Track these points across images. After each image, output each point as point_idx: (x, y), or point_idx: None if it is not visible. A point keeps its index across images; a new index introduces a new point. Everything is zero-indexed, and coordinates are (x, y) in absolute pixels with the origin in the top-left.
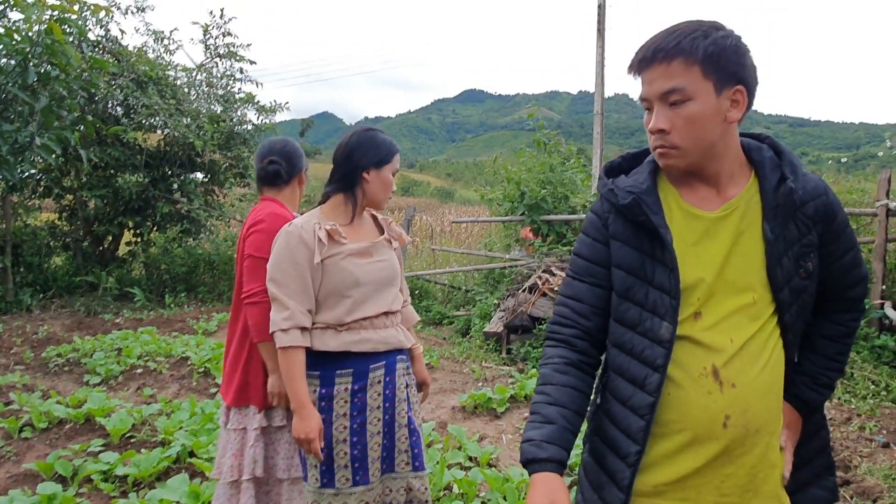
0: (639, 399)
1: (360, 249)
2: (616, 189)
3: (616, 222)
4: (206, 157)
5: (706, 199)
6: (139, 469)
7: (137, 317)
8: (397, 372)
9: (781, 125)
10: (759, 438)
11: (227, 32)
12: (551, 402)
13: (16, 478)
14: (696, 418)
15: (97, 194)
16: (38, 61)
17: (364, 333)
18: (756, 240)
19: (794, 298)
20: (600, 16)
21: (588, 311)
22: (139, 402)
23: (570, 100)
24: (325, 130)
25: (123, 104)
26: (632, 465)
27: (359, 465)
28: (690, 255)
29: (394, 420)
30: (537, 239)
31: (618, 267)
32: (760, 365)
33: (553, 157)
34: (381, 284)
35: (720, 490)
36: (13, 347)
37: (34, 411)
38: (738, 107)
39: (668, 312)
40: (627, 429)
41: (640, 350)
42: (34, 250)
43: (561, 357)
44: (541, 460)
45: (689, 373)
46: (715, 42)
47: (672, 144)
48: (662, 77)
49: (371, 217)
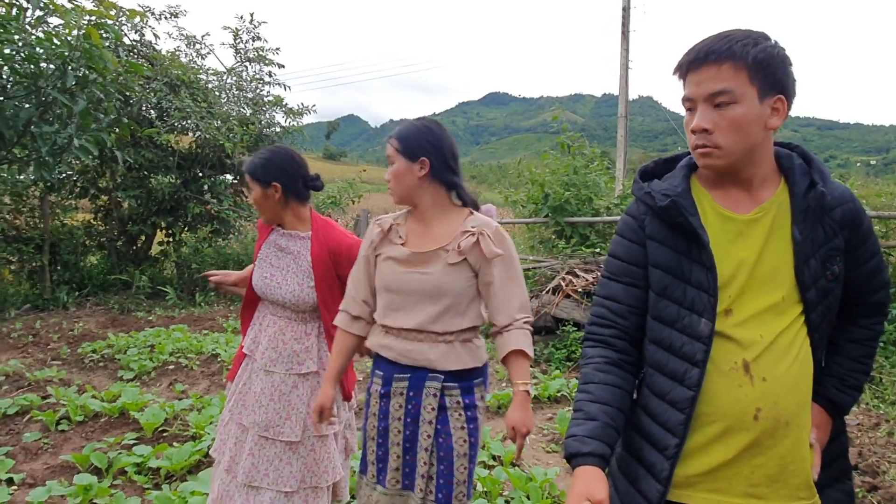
0: (678, 393)
1: (400, 256)
2: (653, 192)
3: (653, 224)
4: (236, 159)
5: (738, 202)
6: (171, 462)
7: (169, 314)
8: (425, 391)
9: (809, 128)
10: (788, 431)
11: (256, 37)
12: (593, 400)
13: (53, 469)
14: (728, 410)
15: (131, 195)
16: (76, 65)
17: (389, 340)
18: (786, 241)
19: (821, 299)
20: (625, 18)
21: (625, 310)
22: (171, 398)
23: (594, 102)
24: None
25: (157, 107)
26: (671, 457)
27: (382, 466)
28: (724, 255)
29: (416, 438)
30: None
31: (655, 266)
32: (789, 360)
33: (577, 159)
34: (418, 297)
35: (750, 480)
36: (50, 343)
37: (71, 405)
38: (778, 115)
39: (707, 309)
40: (666, 423)
41: (679, 346)
42: (71, 249)
43: (602, 357)
44: (583, 454)
45: (720, 367)
46: (764, 50)
47: (714, 144)
48: (712, 79)
49: (463, 220)
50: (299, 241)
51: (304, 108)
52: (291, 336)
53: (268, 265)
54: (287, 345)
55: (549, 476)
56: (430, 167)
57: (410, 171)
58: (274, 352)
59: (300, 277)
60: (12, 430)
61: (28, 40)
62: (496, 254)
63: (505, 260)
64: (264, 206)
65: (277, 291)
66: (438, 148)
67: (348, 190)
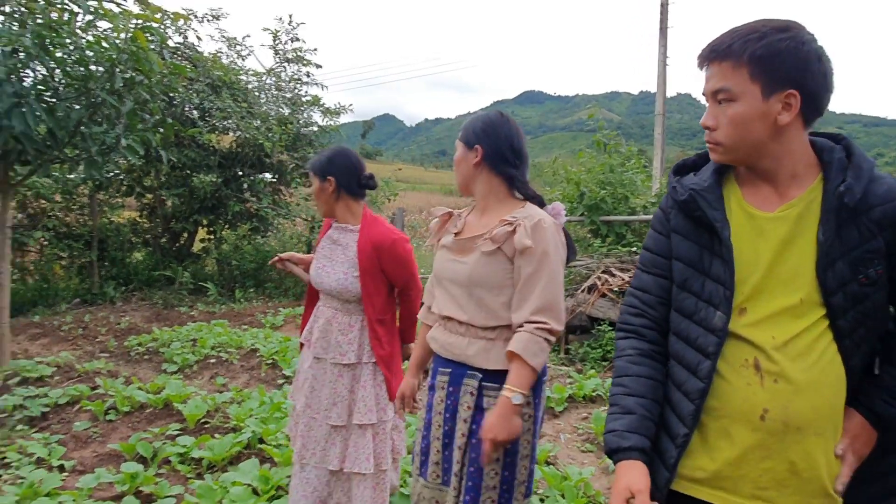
0: (691, 384)
1: (447, 243)
2: (678, 186)
3: (677, 217)
4: (275, 158)
5: (767, 198)
6: (213, 453)
7: (210, 310)
8: (462, 388)
9: (855, 125)
10: (801, 437)
11: (295, 38)
12: (629, 393)
13: (101, 457)
14: (735, 407)
15: (174, 193)
16: (124, 67)
17: (437, 332)
18: (810, 241)
19: (852, 304)
20: (663, 14)
21: (654, 301)
22: (212, 391)
23: (631, 100)
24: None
25: (199, 107)
26: (679, 446)
27: (424, 458)
28: (745, 253)
29: (453, 434)
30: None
31: (678, 259)
32: (807, 364)
33: (613, 157)
34: (454, 286)
35: (757, 483)
36: (98, 336)
37: (118, 396)
38: (789, 110)
39: (723, 302)
40: (679, 412)
41: (695, 338)
42: (117, 246)
43: (634, 348)
44: (624, 449)
45: (731, 363)
46: (768, 45)
47: (716, 141)
48: (714, 76)
49: (511, 211)
50: (349, 233)
51: (341, 107)
52: (337, 327)
53: (322, 256)
54: (333, 335)
55: (584, 475)
56: (482, 155)
57: (466, 158)
58: (324, 340)
59: (346, 267)
60: (63, 419)
61: (79, 44)
62: (524, 245)
63: (535, 255)
64: (319, 198)
65: (326, 280)
66: (493, 137)
67: (384, 188)
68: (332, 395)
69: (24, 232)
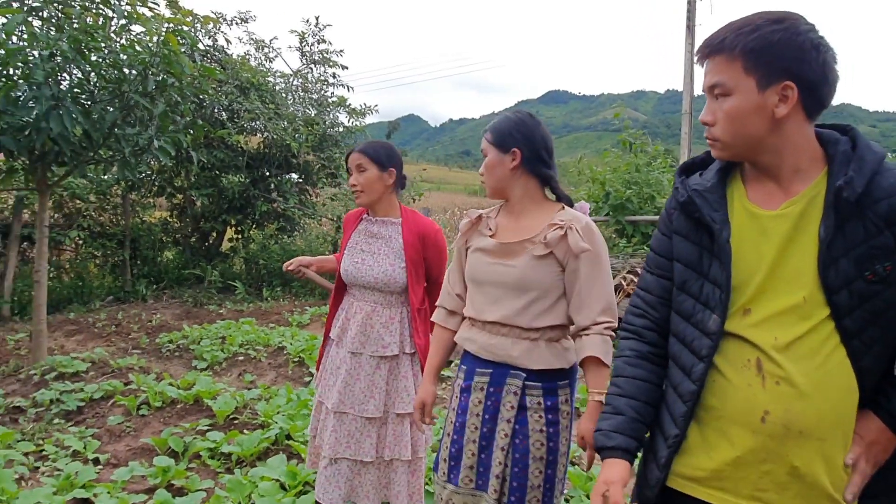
0: (685, 386)
1: (488, 246)
2: (680, 186)
3: (679, 218)
4: (301, 159)
5: (771, 195)
6: (242, 448)
7: (238, 308)
8: (505, 388)
9: (889, 123)
10: (803, 441)
11: (321, 39)
12: (621, 394)
13: (134, 451)
14: (735, 408)
15: (204, 193)
16: (156, 70)
17: (473, 333)
18: (812, 238)
19: (858, 303)
20: (690, 11)
21: (656, 301)
22: (241, 387)
23: (657, 99)
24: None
25: (228, 109)
26: (670, 446)
27: (453, 464)
28: (748, 253)
29: (492, 436)
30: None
31: (678, 260)
32: (811, 367)
33: (639, 157)
34: (502, 290)
35: (757, 485)
36: (131, 333)
37: (150, 391)
38: (786, 102)
39: (718, 305)
40: (673, 413)
41: (691, 340)
42: (149, 245)
43: (632, 350)
44: (609, 448)
45: (733, 363)
46: (761, 37)
47: (714, 137)
48: (711, 71)
49: (554, 214)
50: (391, 226)
51: (367, 108)
52: (378, 321)
53: (358, 251)
54: (374, 328)
55: None
56: (521, 158)
57: (502, 162)
58: (363, 335)
59: (392, 258)
60: (98, 413)
61: (113, 48)
62: (583, 248)
63: (592, 257)
64: (374, 188)
65: (369, 273)
66: (530, 139)
67: (409, 189)
68: (368, 388)
69: (60, 231)
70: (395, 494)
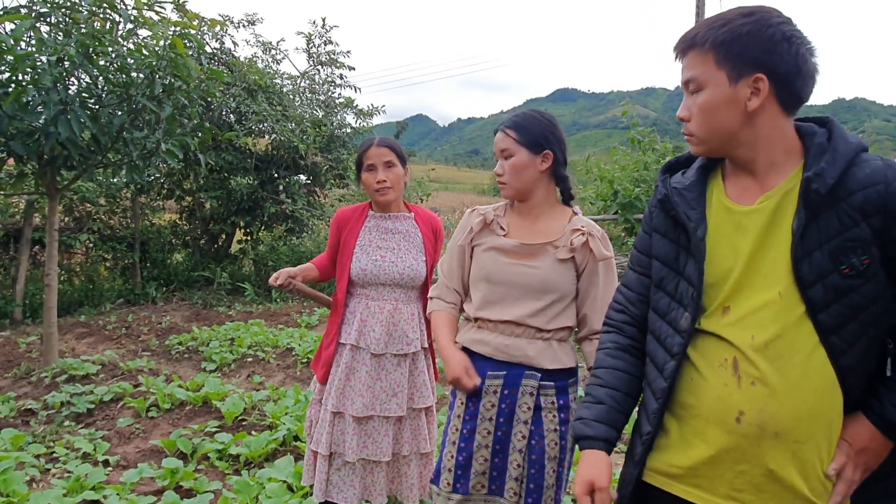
0: (658, 383)
1: (506, 246)
2: (660, 184)
3: (658, 216)
4: (309, 160)
5: (747, 190)
6: (250, 449)
7: (247, 310)
8: (521, 389)
9: None
10: (778, 443)
11: (328, 41)
12: (602, 385)
13: (144, 452)
14: (710, 407)
15: (213, 196)
16: (163, 74)
17: (484, 334)
18: (786, 232)
19: (835, 297)
20: (699, 9)
21: (636, 298)
22: (249, 389)
23: (667, 96)
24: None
25: (236, 111)
26: (644, 443)
27: (461, 473)
28: (721, 249)
29: (508, 440)
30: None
31: (655, 258)
32: (787, 367)
33: (647, 154)
34: (522, 291)
35: (733, 485)
36: (141, 335)
37: (159, 393)
38: (758, 95)
39: (690, 303)
40: (647, 410)
41: (664, 338)
42: (158, 247)
43: (612, 342)
44: (588, 437)
45: (710, 362)
46: (731, 30)
47: (689, 132)
48: (686, 67)
49: (569, 219)
50: (406, 220)
51: (374, 108)
52: (401, 318)
53: (375, 248)
54: (398, 326)
55: (614, 476)
56: (553, 161)
57: (533, 163)
58: (387, 335)
59: (414, 253)
60: (108, 415)
61: (120, 52)
62: (606, 256)
63: (609, 264)
64: (400, 185)
65: (393, 269)
66: (561, 141)
67: (417, 189)
68: (390, 387)
69: (70, 235)
70: (407, 488)
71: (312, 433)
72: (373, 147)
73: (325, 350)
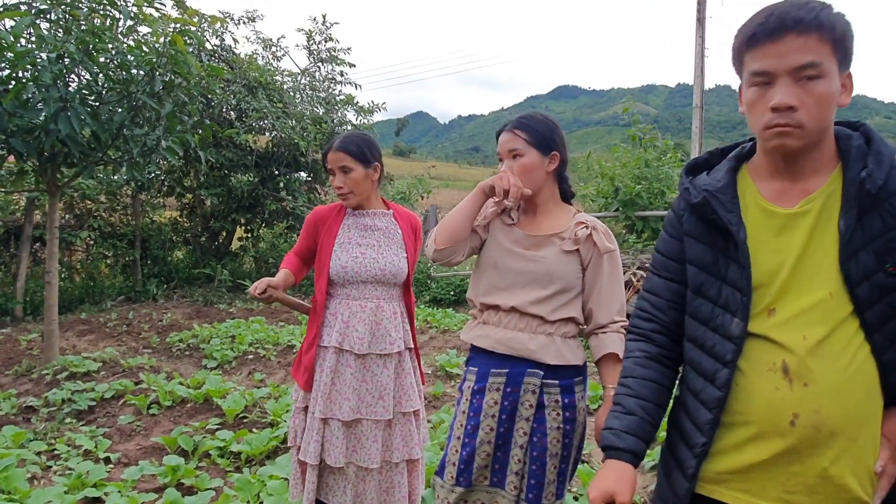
0: (708, 393)
1: (514, 235)
2: (690, 187)
3: (690, 220)
4: (310, 157)
5: (785, 193)
6: (251, 447)
7: (248, 307)
8: (524, 387)
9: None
10: (833, 443)
11: (328, 38)
12: (632, 395)
13: (145, 449)
14: (762, 413)
15: (213, 193)
16: (163, 71)
17: (487, 329)
18: (832, 233)
19: (879, 296)
20: (700, 4)
21: (665, 305)
22: (250, 386)
23: (668, 93)
24: (419, 129)
25: (236, 108)
26: (697, 455)
27: (464, 467)
28: (765, 252)
29: (510, 435)
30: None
31: (691, 263)
32: (840, 366)
33: (649, 151)
34: (527, 279)
35: (785, 487)
36: (142, 333)
37: (160, 390)
38: (846, 92)
39: (740, 309)
40: (697, 421)
41: (711, 345)
42: (159, 244)
43: (641, 351)
44: (618, 449)
45: (757, 367)
46: (844, 23)
47: (797, 123)
48: (799, 50)
49: (572, 215)
50: (384, 217)
51: (375, 105)
52: (384, 316)
53: (354, 246)
54: (381, 325)
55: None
56: (559, 162)
57: (542, 164)
58: (370, 335)
59: (395, 249)
60: (109, 412)
61: (120, 49)
62: (609, 249)
63: (613, 258)
64: (362, 187)
65: (374, 266)
66: (564, 143)
67: (417, 186)
68: (377, 388)
69: (71, 232)
70: (399, 499)
71: (298, 443)
72: (330, 152)
73: (306, 354)
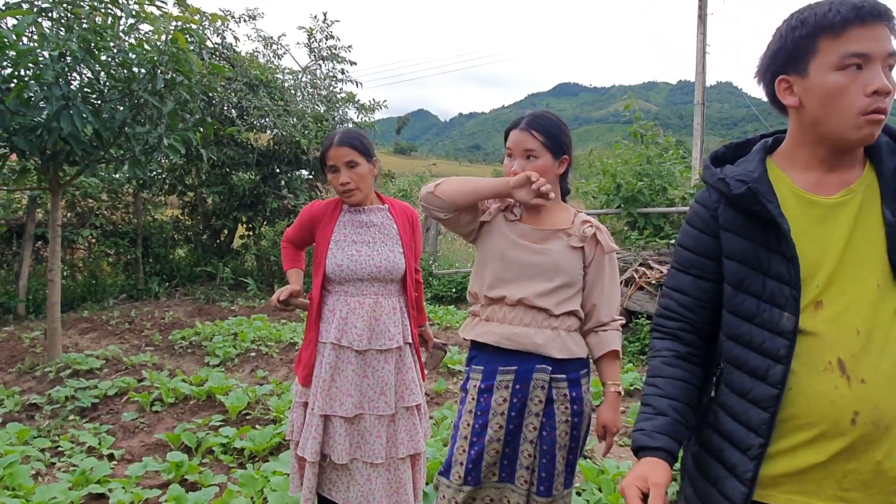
0: (761, 391)
1: (520, 229)
2: (727, 178)
3: (727, 212)
4: (311, 155)
5: (821, 184)
6: (254, 443)
7: (250, 305)
8: (532, 383)
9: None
10: (888, 436)
11: (329, 35)
12: (662, 395)
13: (148, 446)
14: (823, 414)
15: (215, 191)
16: (164, 69)
17: (491, 326)
18: (876, 223)
19: None
20: (702, 1)
21: (693, 303)
22: (253, 383)
23: (669, 90)
24: (419, 127)
25: (237, 106)
26: (755, 458)
27: (472, 466)
28: (808, 243)
29: (519, 431)
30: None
31: (730, 258)
32: (892, 357)
33: (650, 148)
34: (532, 272)
35: (841, 485)
36: (144, 330)
37: (163, 388)
38: None
39: (789, 302)
40: (748, 422)
41: (760, 342)
42: (161, 242)
43: (669, 350)
44: (651, 448)
45: (812, 366)
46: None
47: (887, 110)
48: (887, 38)
49: (574, 214)
50: (380, 212)
51: (376, 103)
52: (382, 312)
53: (350, 243)
54: (380, 321)
55: (622, 469)
56: (567, 165)
57: (553, 168)
58: (369, 330)
59: (390, 245)
60: (112, 409)
61: (122, 47)
62: (613, 248)
63: (613, 258)
64: (368, 183)
65: (370, 263)
66: (572, 147)
67: (419, 184)
68: (378, 384)
69: (73, 230)
70: (407, 497)
71: (297, 439)
72: (332, 148)
73: (305, 350)
